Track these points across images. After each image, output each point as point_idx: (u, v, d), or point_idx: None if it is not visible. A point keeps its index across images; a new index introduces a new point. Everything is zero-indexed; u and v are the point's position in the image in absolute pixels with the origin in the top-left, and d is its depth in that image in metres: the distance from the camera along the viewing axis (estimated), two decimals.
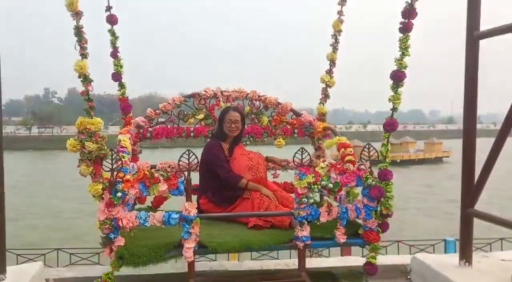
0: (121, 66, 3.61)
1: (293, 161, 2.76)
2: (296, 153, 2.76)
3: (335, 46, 3.88)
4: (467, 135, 2.95)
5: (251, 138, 3.81)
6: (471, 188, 2.93)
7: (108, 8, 3.56)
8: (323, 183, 2.71)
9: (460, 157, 3.00)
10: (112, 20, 3.57)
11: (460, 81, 2.98)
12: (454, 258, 3.07)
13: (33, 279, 2.89)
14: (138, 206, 3.59)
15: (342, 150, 3.19)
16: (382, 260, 3.38)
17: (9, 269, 2.90)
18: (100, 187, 2.59)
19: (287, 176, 3.91)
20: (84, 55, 2.70)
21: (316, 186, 2.70)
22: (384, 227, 2.85)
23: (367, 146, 2.82)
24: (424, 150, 48.32)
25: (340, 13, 3.83)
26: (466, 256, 2.97)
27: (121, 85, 3.65)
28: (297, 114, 3.90)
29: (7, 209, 2.79)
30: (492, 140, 2.70)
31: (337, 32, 3.87)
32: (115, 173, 2.56)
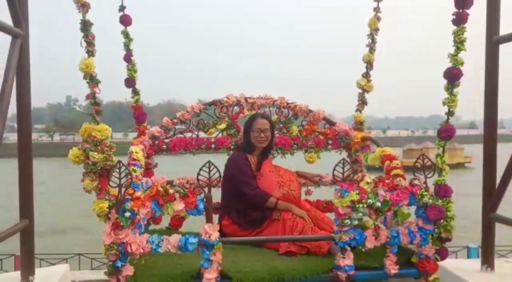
0: (135, 71, 3.28)
1: (333, 174, 2.32)
2: (336, 165, 2.32)
3: (372, 46, 3.49)
4: (488, 139, 2.95)
5: (279, 150, 3.38)
6: (492, 192, 2.91)
7: (122, 8, 3.28)
8: (369, 201, 2.26)
9: (482, 163, 2.98)
10: (125, 20, 3.28)
11: (482, 85, 2.95)
12: (476, 263, 3.03)
13: (60, 280, 2.97)
14: (152, 226, 3.20)
15: (387, 162, 2.74)
16: None
17: (38, 271, 2.99)
18: (105, 205, 2.20)
19: (320, 193, 3.47)
20: (90, 53, 2.35)
21: (361, 205, 2.24)
22: (443, 254, 2.38)
23: (421, 156, 2.37)
24: None
25: (376, 9, 3.45)
26: (488, 261, 2.94)
27: (135, 92, 3.31)
28: (331, 123, 3.47)
29: None
30: None
31: (373, 31, 3.48)
32: (123, 189, 2.17)
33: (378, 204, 2.27)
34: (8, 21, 2.68)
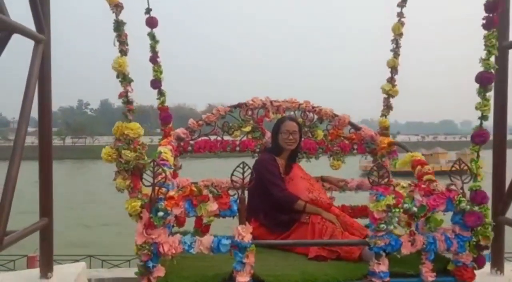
0: (161, 73, 3.28)
1: (368, 179, 2.28)
2: (371, 168, 2.28)
3: (396, 51, 3.49)
4: (497, 142, 3.06)
5: (304, 154, 3.35)
6: (502, 196, 3.01)
7: (148, 11, 3.27)
8: (405, 205, 2.21)
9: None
10: (151, 22, 3.27)
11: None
12: (485, 266, 2.78)
13: (78, 277, 3.09)
14: (175, 229, 3.16)
15: (419, 167, 2.69)
16: None
17: (55, 268, 3.10)
18: (138, 203, 2.17)
19: (344, 199, 3.43)
20: (123, 52, 2.34)
21: (397, 210, 2.20)
22: (480, 262, 2.32)
23: (458, 161, 2.32)
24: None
25: (400, 15, 3.45)
26: (497, 264, 3.04)
27: (161, 93, 3.29)
28: (356, 127, 3.44)
29: None
30: None
31: (397, 36, 3.48)
32: (156, 189, 2.14)
33: (415, 209, 2.23)
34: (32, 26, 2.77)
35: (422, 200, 2.24)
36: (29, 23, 2.96)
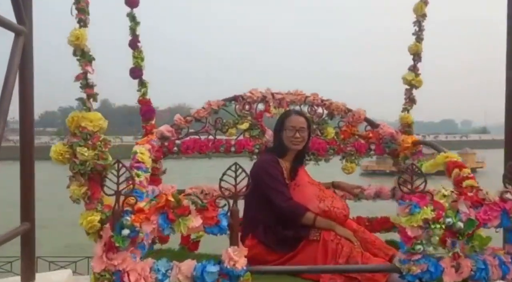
0: (142, 59, 2.77)
1: (398, 185, 1.75)
2: (402, 171, 1.76)
3: (419, 35, 3.00)
4: (509, 143, 2.92)
5: (312, 156, 2.83)
6: None
7: None
8: (448, 220, 1.68)
9: (495, 168, 2.85)
10: (131, 1, 2.77)
11: (494, 91, 2.41)
12: None
13: None
14: (157, 245, 2.65)
15: (456, 170, 2.18)
16: None
17: (38, 276, 2.92)
18: (97, 218, 1.65)
19: (358, 209, 2.91)
20: (82, 22, 1.83)
21: (438, 226, 1.67)
22: None
23: None
24: None
25: None
26: None
27: (142, 84, 2.79)
28: (373, 125, 2.92)
29: None
30: None
31: (420, 17, 2.98)
32: (121, 198, 1.63)
33: (460, 224, 1.70)
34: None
35: (470, 212, 1.72)
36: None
